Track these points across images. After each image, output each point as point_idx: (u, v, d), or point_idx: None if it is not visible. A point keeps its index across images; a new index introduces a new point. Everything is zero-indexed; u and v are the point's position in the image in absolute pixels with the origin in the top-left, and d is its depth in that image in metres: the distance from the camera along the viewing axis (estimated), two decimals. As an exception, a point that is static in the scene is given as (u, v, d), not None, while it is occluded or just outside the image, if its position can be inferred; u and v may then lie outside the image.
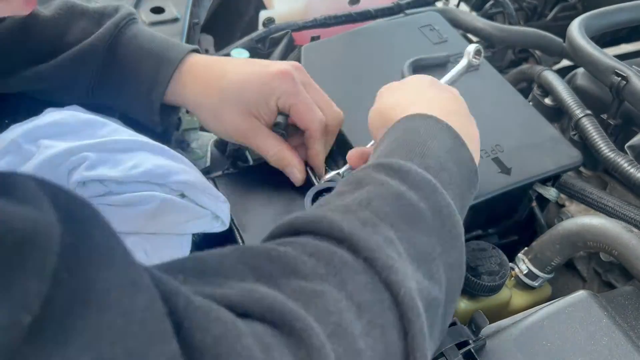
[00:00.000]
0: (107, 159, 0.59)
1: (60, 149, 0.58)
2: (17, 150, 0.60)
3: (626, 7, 0.82)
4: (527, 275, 0.63)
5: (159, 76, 0.63)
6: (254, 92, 0.62)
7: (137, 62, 0.64)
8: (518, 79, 0.89)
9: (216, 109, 0.63)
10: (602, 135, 0.70)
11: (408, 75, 0.74)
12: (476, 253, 0.59)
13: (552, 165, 0.67)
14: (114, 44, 0.64)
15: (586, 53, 0.74)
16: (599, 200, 0.68)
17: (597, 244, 0.58)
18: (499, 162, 0.66)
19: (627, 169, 0.66)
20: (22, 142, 0.61)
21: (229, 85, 0.63)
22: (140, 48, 0.64)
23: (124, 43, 0.64)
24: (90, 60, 0.63)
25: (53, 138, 0.60)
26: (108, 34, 0.63)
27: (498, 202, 0.65)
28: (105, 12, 0.65)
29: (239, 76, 0.63)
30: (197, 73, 0.64)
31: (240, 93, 0.62)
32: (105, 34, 0.63)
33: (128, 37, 0.64)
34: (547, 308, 0.54)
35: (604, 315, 0.52)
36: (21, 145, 0.60)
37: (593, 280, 0.71)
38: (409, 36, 0.83)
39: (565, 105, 0.74)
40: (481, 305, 0.60)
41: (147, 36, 0.65)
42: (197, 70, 0.65)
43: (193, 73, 0.64)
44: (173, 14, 0.88)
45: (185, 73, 0.64)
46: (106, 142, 0.60)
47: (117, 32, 0.64)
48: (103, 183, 0.59)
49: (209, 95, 0.63)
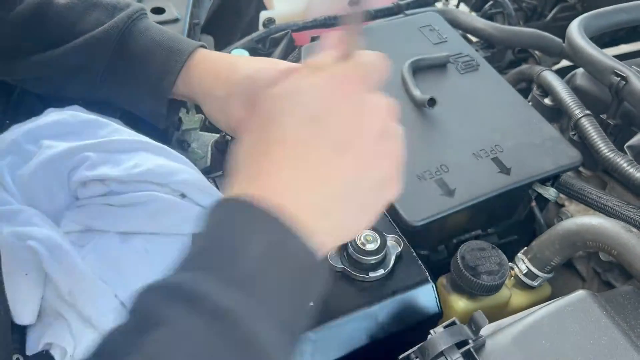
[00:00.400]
0: (108, 159, 0.59)
1: (60, 149, 0.58)
2: (18, 151, 0.60)
3: (625, 8, 0.82)
4: (526, 274, 0.63)
5: (170, 66, 0.64)
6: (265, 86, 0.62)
7: (148, 53, 0.65)
8: (517, 79, 0.89)
9: (224, 102, 0.63)
10: (602, 135, 0.70)
11: (408, 76, 0.74)
12: (476, 253, 0.59)
13: (551, 165, 0.67)
14: (125, 35, 0.65)
15: (586, 53, 0.74)
16: (598, 200, 0.68)
17: (597, 243, 0.58)
18: (499, 162, 0.66)
19: (627, 169, 0.66)
20: (22, 142, 0.61)
21: (239, 78, 0.63)
22: (151, 40, 0.66)
23: (135, 34, 0.65)
24: (101, 48, 0.64)
25: (54, 138, 0.60)
26: (121, 23, 0.65)
27: (497, 202, 0.65)
28: (118, 5, 0.67)
29: (249, 70, 0.63)
30: (207, 65, 0.65)
31: (250, 87, 0.62)
32: (117, 24, 0.65)
33: (139, 29, 0.66)
34: (547, 308, 0.54)
35: (603, 314, 0.52)
36: (22, 145, 0.61)
37: (592, 280, 0.72)
38: (408, 36, 0.83)
39: (565, 105, 0.74)
40: (481, 305, 0.60)
41: (158, 30, 0.67)
42: (207, 63, 0.65)
43: (203, 65, 0.65)
44: (173, 15, 0.89)
45: (195, 64, 0.65)
46: (107, 142, 0.60)
47: (130, 23, 0.65)
48: (104, 183, 0.59)
49: (217, 87, 0.64)
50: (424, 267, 0.60)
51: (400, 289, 0.58)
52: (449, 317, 0.52)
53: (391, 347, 0.53)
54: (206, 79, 0.64)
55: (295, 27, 0.96)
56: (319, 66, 0.44)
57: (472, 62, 0.79)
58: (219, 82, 0.64)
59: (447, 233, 0.68)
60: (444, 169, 0.65)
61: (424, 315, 0.60)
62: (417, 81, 0.74)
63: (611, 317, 0.52)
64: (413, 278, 0.59)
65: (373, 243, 0.58)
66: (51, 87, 0.68)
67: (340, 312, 0.56)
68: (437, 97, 0.70)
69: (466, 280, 0.58)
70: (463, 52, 0.80)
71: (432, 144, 0.69)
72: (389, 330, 0.58)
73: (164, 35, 0.67)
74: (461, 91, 0.75)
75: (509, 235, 0.73)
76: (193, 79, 0.65)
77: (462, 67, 0.78)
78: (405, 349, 0.51)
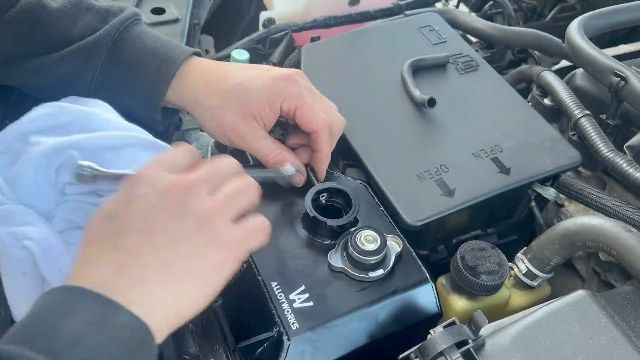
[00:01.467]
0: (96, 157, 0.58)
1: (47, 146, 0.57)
2: (8, 150, 0.59)
3: (625, 8, 0.82)
4: (526, 274, 0.63)
5: (162, 74, 0.64)
6: (257, 94, 0.62)
7: (141, 60, 0.64)
8: (517, 80, 0.89)
9: (216, 110, 0.63)
10: (601, 135, 0.70)
11: (408, 77, 0.74)
12: (475, 253, 0.59)
13: (551, 166, 0.67)
14: (118, 41, 0.64)
15: (585, 53, 0.74)
16: (598, 200, 0.68)
17: (596, 243, 0.58)
18: (498, 162, 0.66)
19: (626, 169, 0.66)
20: (11, 141, 0.60)
21: (232, 86, 0.63)
22: (144, 47, 0.65)
23: (128, 41, 0.65)
24: (94, 55, 0.64)
25: (40, 133, 0.59)
26: (113, 31, 0.64)
27: (497, 202, 0.65)
28: (111, 10, 0.66)
29: (242, 78, 0.63)
30: (199, 73, 0.65)
31: (243, 95, 0.62)
32: (110, 31, 0.64)
33: (132, 36, 0.65)
34: (546, 307, 0.54)
35: (603, 314, 0.52)
36: (11, 144, 0.60)
37: (592, 280, 0.72)
38: (408, 37, 0.83)
39: (565, 105, 0.74)
40: (480, 305, 0.60)
41: (151, 36, 0.66)
42: (200, 71, 0.65)
43: (195, 73, 0.65)
44: (173, 15, 0.89)
45: (187, 73, 0.65)
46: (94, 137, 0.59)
47: (122, 29, 0.64)
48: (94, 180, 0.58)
49: (209, 95, 0.63)
50: (423, 267, 0.60)
51: (400, 288, 0.58)
52: (448, 317, 0.52)
53: (391, 347, 0.53)
54: (197, 87, 0.64)
55: (295, 27, 0.96)
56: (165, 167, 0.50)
57: (472, 63, 0.79)
58: (211, 90, 0.63)
59: (446, 233, 0.68)
60: (443, 169, 0.66)
61: (423, 315, 0.60)
62: (417, 81, 0.74)
63: (611, 317, 0.53)
64: (413, 278, 0.59)
65: (373, 243, 0.58)
66: (43, 94, 0.67)
67: (340, 312, 0.56)
68: (436, 97, 0.70)
69: (466, 280, 0.58)
70: (463, 53, 0.80)
71: (431, 144, 0.69)
72: (389, 330, 0.58)
73: (157, 42, 0.66)
74: (461, 91, 0.75)
75: (509, 235, 0.73)
76: (184, 87, 0.64)
77: (461, 68, 0.78)
78: (405, 349, 0.51)
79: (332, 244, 0.60)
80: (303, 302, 0.56)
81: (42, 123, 0.60)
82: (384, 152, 0.68)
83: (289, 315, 0.55)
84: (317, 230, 0.61)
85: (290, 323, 0.54)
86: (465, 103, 0.74)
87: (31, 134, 0.59)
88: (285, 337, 0.54)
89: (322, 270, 0.59)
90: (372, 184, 0.66)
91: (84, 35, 0.64)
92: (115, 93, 0.65)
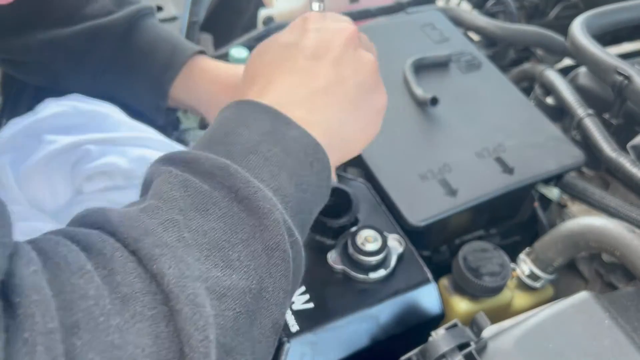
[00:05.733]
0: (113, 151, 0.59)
1: (64, 143, 0.58)
2: (19, 147, 0.59)
3: (628, 6, 0.82)
4: (529, 276, 0.63)
5: (173, 61, 0.65)
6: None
7: (153, 46, 0.66)
8: (520, 78, 0.88)
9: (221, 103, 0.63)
10: (604, 135, 0.69)
11: (410, 75, 0.74)
12: (478, 254, 0.59)
13: (554, 165, 0.67)
14: (132, 26, 0.66)
15: (588, 52, 0.73)
16: (601, 200, 0.68)
17: (599, 244, 0.57)
18: (502, 161, 0.66)
19: (630, 169, 0.65)
20: (23, 138, 0.60)
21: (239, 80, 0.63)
22: (156, 35, 0.67)
23: (141, 27, 0.66)
24: (106, 36, 0.65)
25: (55, 132, 0.60)
26: (129, 16, 0.66)
27: (500, 202, 0.65)
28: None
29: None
30: (207, 68, 0.67)
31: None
32: (125, 16, 0.66)
33: (146, 23, 0.67)
34: (549, 309, 0.53)
35: (606, 316, 0.52)
36: (22, 140, 0.60)
37: (595, 281, 0.71)
38: (410, 35, 0.83)
39: (568, 104, 0.74)
40: (483, 307, 0.59)
41: (164, 28, 0.69)
42: (208, 66, 0.67)
43: (203, 67, 0.67)
44: (171, 13, 0.88)
45: (196, 65, 0.66)
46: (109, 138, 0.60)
47: (138, 16, 0.66)
48: (109, 176, 0.58)
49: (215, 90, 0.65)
50: (425, 267, 0.60)
51: (401, 289, 0.58)
52: (450, 318, 0.52)
53: (392, 349, 0.52)
54: (204, 80, 0.66)
55: (295, 25, 0.95)
56: None
57: (475, 61, 0.78)
58: (218, 84, 0.65)
59: (449, 233, 0.67)
60: (446, 169, 0.65)
61: (425, 317, 0.59)
62: (419, 80, 0.74)
63: (614, 318, 0.52)
64: (415, 279, 0.59)
65: (374, 243, 0.58)
66: (52, 75, 0.67)
67: (340, 313, 0.55)
68: (439, 96, 0.70)
69: (468, 281, 0.58)
70: (465, 51, 0.80)
71: (434, 143, 0.68)
72: (390, 332, 0.57)
73: (169, 33, 0.68)
74: (463, 90, 0.75)
75: (512, 236, 0.72)
76: (192, 78, 0.66)
77: (464, 66, 0.78)
78: (407, 351, 0.50)
79: (332, 244, 0.60)
80: (303, 304, 0.55)
81: (56, 122, 0.60)
82: (386, 151, 0.67)
83: (288, 316, 0.54)
84: (317, 230, 0.61)
85: (290, 325, 0.54)
86: (468, 102, 0.73)
87: (45, 133, 0.59)
88: (285, 339, 0.53)
89: (322, 271, 0.58)
90: (373, 183, 0.66)
91: (98, 15, 0.65)
92: (125, 76, 0.67)
